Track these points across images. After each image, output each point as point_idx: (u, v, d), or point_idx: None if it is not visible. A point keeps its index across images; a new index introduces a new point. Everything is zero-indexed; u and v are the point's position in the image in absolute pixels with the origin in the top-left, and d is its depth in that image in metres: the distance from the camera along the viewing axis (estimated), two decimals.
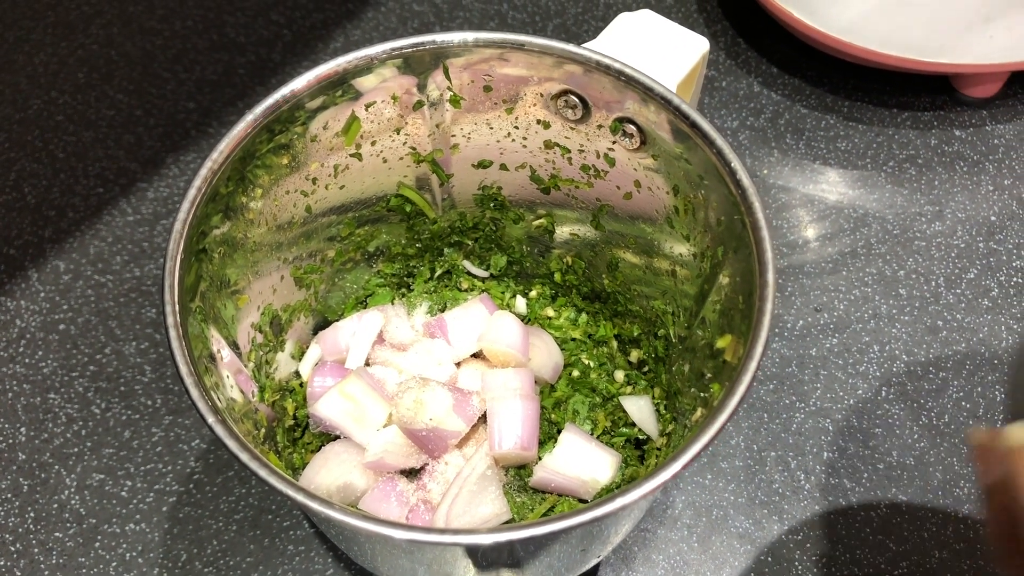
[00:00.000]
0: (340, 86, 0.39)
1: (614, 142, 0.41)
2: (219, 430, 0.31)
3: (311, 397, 0.44)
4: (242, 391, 0.39)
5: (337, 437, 0.44)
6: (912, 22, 0.58)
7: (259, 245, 0.41)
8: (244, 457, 0.30)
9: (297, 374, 0.46)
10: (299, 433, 0.45)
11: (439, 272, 0.51)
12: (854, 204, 0.61)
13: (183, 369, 0.32)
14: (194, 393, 0.31)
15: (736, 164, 0.36)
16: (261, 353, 0.42)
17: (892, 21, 0.59)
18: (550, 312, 0.50)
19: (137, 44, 0.68)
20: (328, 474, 0.42)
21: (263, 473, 0.30)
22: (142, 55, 0.68)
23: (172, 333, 0.33)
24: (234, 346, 0.39)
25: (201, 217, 0.36)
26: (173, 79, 0.66)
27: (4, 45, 0.68)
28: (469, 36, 0.39)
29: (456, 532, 0.29)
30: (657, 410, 0.46)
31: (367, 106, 0.41)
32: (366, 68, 0.39)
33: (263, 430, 0.40)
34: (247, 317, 0.41)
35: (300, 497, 0.30)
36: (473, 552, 0.34)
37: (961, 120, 0.65)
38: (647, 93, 0.38)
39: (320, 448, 0.44)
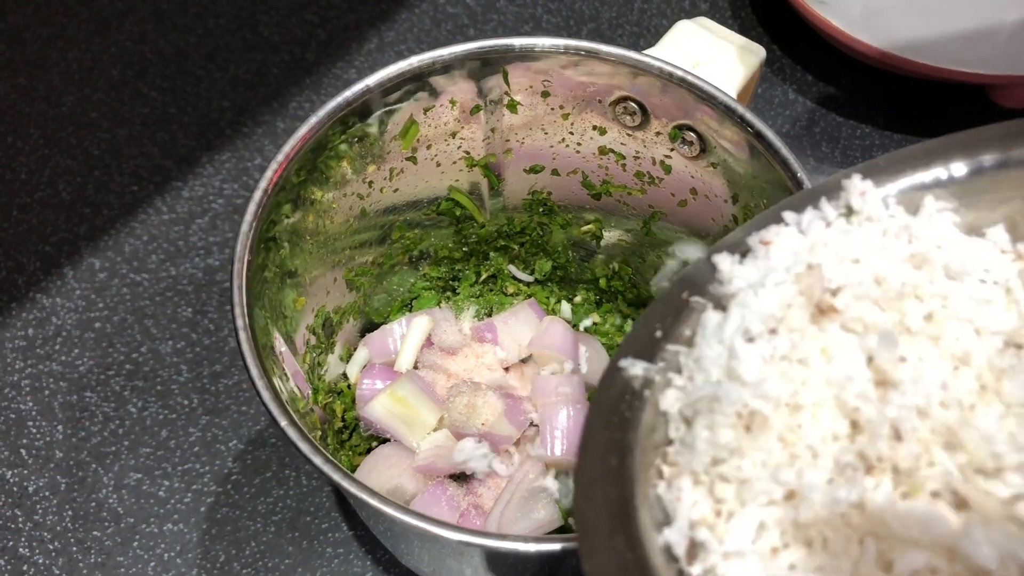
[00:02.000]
0: (412, 83, 0.39)
1: (672, 149, 0.41)
2: (292, 432, 0.31)
3: (360, 399, 0.44)
4: (300, 391, 0.39)
5: (386, 440, 0.44)
6: (950, 32, 0.58)
7: (321, 243, 0.41)
8: (318, 461, 0.30)
9: (344, 376, 0.46)
10: (347, 435, 0.45)
11: (484, 276, 0.50)
12: None
13: (254, 372, 0.32)
14: (266, 396, 0.31)
15: (802, 175, 0.36)
16: (314, 355, 0.42)
17: (930, 31, 0.59)
18: (595, 318, 0.50)
19: (171, 41, 0.68)
20: (379, 477, 0.42)
21: (337, 477, 0.30)
22: (175, 53, 0.67)
23: (242, 336, 0.32)
24: (291, 345, 0.39)
25: (272, 206, 0.36)
26: (207, 77, 0.66)
27: (37, 42, 0.67)
28: (544, 41, 0.39)
29: (539, 540, 0.29)
30: None
31: (426, 110, 0.41)
32: (439, 68, 0.39)
33: (318, 432, 0.40)
34: (303, 319, 0.41)
35: (375, 502, 0.30)
36: (533, 559, 0.33)
37: None
38: (711, 102, 0.38)
39: (368, 451, 0.44)
